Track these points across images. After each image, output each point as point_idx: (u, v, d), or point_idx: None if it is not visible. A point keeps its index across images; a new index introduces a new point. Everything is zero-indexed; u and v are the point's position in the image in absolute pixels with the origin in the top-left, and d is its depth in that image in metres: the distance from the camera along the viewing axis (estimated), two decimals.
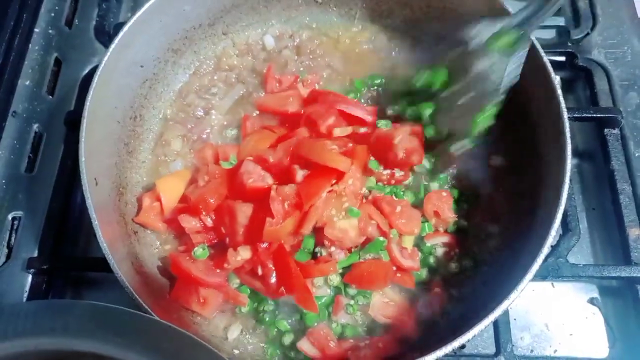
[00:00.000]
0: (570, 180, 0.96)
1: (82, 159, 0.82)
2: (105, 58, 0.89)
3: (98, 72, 0.88)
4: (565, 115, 0.79)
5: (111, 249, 0.77)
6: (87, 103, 0.85)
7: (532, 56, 0.84)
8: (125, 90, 0.97)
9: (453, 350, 0.89)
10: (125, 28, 0.91)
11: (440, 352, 0.69)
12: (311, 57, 1.09)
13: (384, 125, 0.95)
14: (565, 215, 0.93)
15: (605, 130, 1.03)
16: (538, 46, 0.84)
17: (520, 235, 0.84)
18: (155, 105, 1.05)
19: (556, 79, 0.82)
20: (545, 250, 0.72)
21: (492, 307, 0.70)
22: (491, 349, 0.89)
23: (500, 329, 0.87)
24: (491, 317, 0.69)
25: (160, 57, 1.03)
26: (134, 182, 0.99)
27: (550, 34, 1.17)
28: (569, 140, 0.77)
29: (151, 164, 1.02)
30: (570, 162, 0.77)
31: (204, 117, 1.05)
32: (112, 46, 0.90)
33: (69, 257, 1.00)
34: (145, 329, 0.56)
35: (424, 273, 0.89)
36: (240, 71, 1.09)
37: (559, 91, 0.80)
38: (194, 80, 1.09)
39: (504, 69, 0.79)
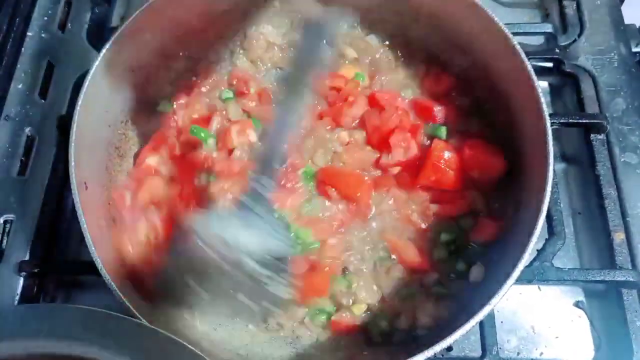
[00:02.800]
0: (557, 184, 0.99)
1: (72, 163, 0.83)
2: (96, 62, 0.90)
3: (89, 77, 0.89)
4: (548, 123, 0.79)
5: (100, 253, 0.78)
6: (77, 107, 0.86)
7: (516, 62, 0.85)
8: (117, 94, 0.98)
9: (440, 353, 0.92)
10: (117, 33, 0.92)
11: (421, 356, 0.70)
12: None
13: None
14: (550, 219, 0.95)
15: (592, 135, 1.04)
16: (522, 54, 0.85)
17: (504, 240, 0.85)
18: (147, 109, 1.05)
19: (540, 86, 0.83)
20: (526, 256, 0.73)
21: (473, 312, 0.71)
22: (478, 352, 0.89)
23: (486, 332, 0.88)
24: (472, 322, 0.70)
25: (152, 61, 1.04)
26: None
27: (538, 40, 1.19)
28: (551, 149, 0.78)
29: None
30: (552, 171, 0.77)
31: None
32: (103, 51, 0.91)
33: (60, 261, 1.01)
34: (132, 332, 0.57)
35: None
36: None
37: (542, 99, 0.81)
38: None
39: None
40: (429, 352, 0.72)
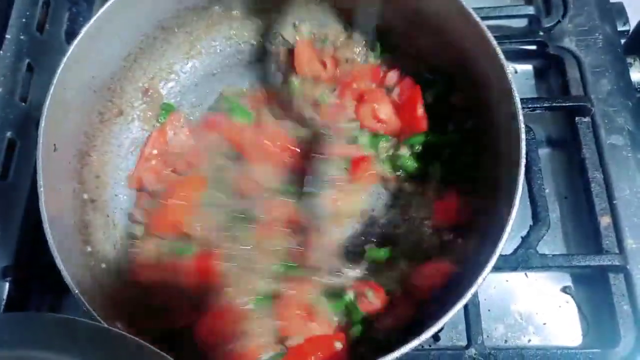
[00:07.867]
0: (541, 170, 0.97)
1: (42, 123, 0.82)
2: (86, 28, 0.90)
3: (77, 40, 0.88)
4: (520, 114, 0.78)
5: (55, 221, 0.78)
6: (60, 69, 0.86)
7: (486, 46, 0.83)
8: (106, 61, 0.98)
9: (427, 343, 0.91)
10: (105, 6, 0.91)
11: (409, 345, 0.69)
12: None
13: None
14: (535, 205, 0.94)
15: (577, 118, 1.02)
16: (491, 38, 0.83)
17: (483, 228, 0.84)
18: (138, 79, 1.06)
19: (509, 67, 0.82)
20: (502, 244, 0.72)
21: (454, 299, 0.70)
22: (465, 341, 0.89)
23: (471, 321, 0.87)
24: (456, 308, 0.69)
25: (149, 33, 1.04)
26: (103, 150, 1.00)
27: (521, 23, 1.17)
28: (523, 136, 0.77)
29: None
30: (524, 157, 0.76)
31: None
32: (95, 17, 0.90)
33: (45, 265, 1.00)
34: (103, 339, 0.57)
35: None
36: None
37: (513, 85, 0.80)
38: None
39: None
40: (416, 342, 0.70)
